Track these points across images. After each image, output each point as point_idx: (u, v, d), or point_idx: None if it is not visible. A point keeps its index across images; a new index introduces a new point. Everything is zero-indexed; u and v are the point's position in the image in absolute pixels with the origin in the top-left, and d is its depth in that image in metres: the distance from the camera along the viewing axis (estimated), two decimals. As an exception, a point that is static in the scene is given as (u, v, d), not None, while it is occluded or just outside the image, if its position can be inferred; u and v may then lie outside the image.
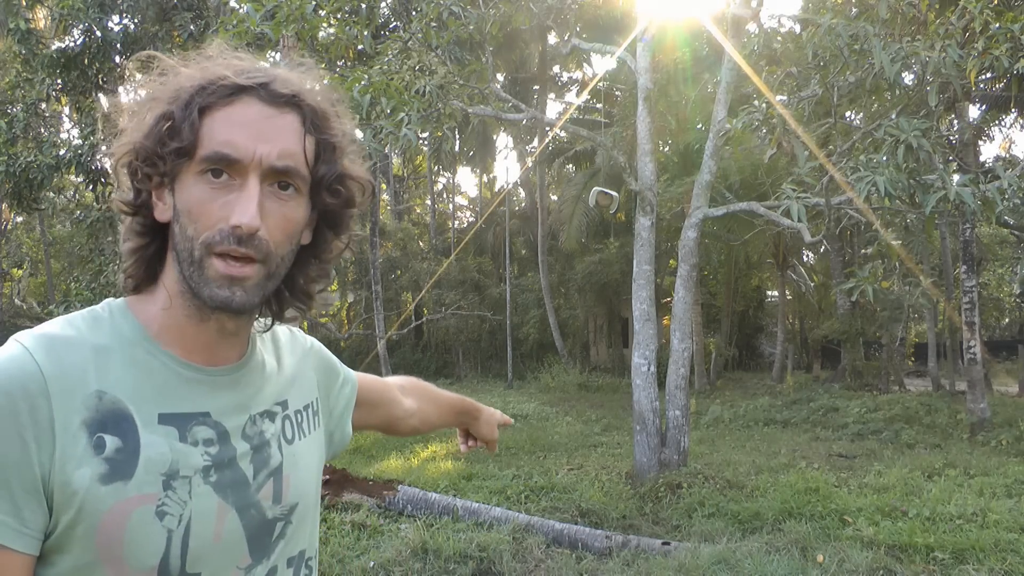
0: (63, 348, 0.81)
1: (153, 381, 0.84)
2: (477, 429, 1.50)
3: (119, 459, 0.79)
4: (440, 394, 1.43)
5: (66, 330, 0.83)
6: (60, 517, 0.77)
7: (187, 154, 0.81)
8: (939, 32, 5.99)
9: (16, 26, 9.11)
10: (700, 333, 18.77)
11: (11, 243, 24.28)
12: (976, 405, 11.02)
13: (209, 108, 0.82)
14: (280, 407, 0.97)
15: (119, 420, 0.80)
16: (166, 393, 0.85)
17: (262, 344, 0.99)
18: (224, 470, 0.88)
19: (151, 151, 0.83)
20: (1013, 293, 26.69)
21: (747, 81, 7.90)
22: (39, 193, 10.09)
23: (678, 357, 7.80)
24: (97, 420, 0.79)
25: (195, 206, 0.82)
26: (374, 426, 1.30)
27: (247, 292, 0.83)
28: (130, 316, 0.87)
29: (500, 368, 22.18)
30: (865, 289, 6.39)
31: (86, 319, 0.86)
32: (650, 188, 8.04)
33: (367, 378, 1.25)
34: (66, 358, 0.80)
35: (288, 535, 0.95)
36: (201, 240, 0.81)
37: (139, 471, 0.80)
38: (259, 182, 0.82)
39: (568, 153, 23.49)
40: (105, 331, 0.85)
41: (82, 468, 0.77)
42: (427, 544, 4.99)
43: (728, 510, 6.27)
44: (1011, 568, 4.79)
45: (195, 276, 0.82)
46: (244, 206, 0.80)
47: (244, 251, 0.81)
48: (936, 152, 6.05)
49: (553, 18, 9.65)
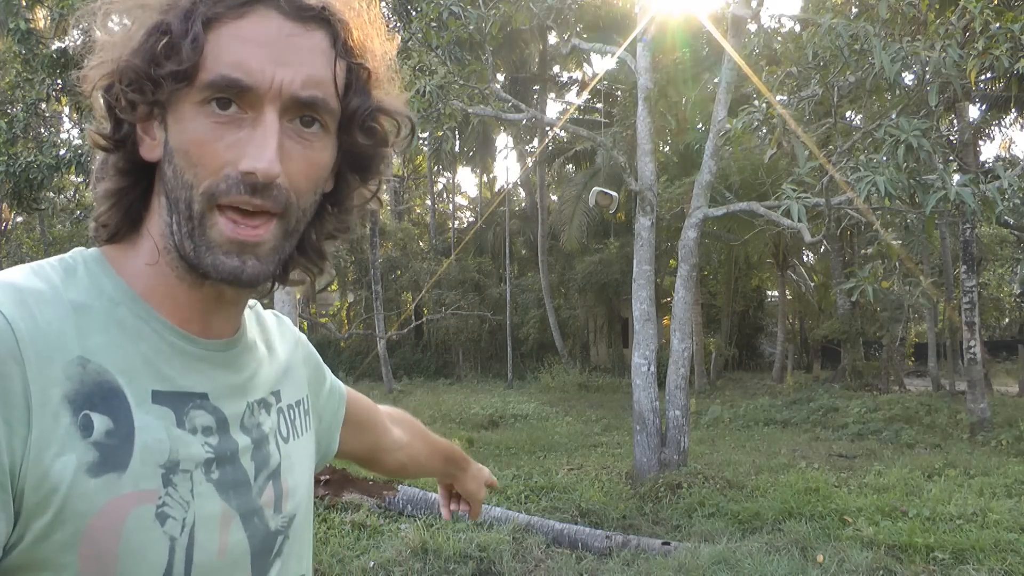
0: (35, 302, 0.62)
1: (143, 350, 0.67)
2: (463, 484, 1.33)
3: (111, 444, 0.62)
4: (429, 434, 1.25)
5: (33, 281, 0.64)
6: (30, 523, 0.59)
7: (186, 78, 0.64)
8: (939, 32, 5.99)
9: (16, 26, 9.11)
10: (700, 333, 18.77)
11: (11, 243, 24.28)
12: (976, 405, 11.02)
13: (216, 20, 0.65)
14: (274, 398, 0.81)
15: (108, 395, 0.63)
16: (159, 366, 0.68)
17: (248, 321, 0.82)
18: (226, 466, 0.72)
19: (139, 72, 0.64)
20: (1013, 293, 26.69)
21: (747, 81, 7.90)
22: (39, 193, 10.08)
23: (678, 357, 7.80)
24: (83, 394, 0.61)
25: (194, 145, 0.65)
26: (357, 453, 1.10)
27: (260, 260, 0.67)
28: (110, 270, 0.70)
29: (500, 368, 22.18)
30: (865, 289, 6.39)
31: (56, 269, 0.67)
32: (650, 188, 8.04)
33: (355, 394, 1.08)
34: (41, 315, 0.62)
35: (285, 554, 0.78)
36: (203, 189, 0.65)
37: (135, 461, 0.63)
38: (278, 117, 0.65)
39: (568, 153, 23.49)
40: (82, 286, 0.67)
41: (64, 455, 0.59)
42: (427, 544, 4.99)
43: (728, 510, 6.27)
44: (1011, 568, 4.79)
45: (194, 237, 0.66)
46: (260, 146, 0.64)
47: (259, 203, 0.65)
48: (936, 152, 6.05)
49: (553, 18, 9.65)
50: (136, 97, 0.66)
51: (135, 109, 0.66)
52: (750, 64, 7.64)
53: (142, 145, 0.69)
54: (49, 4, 9.53)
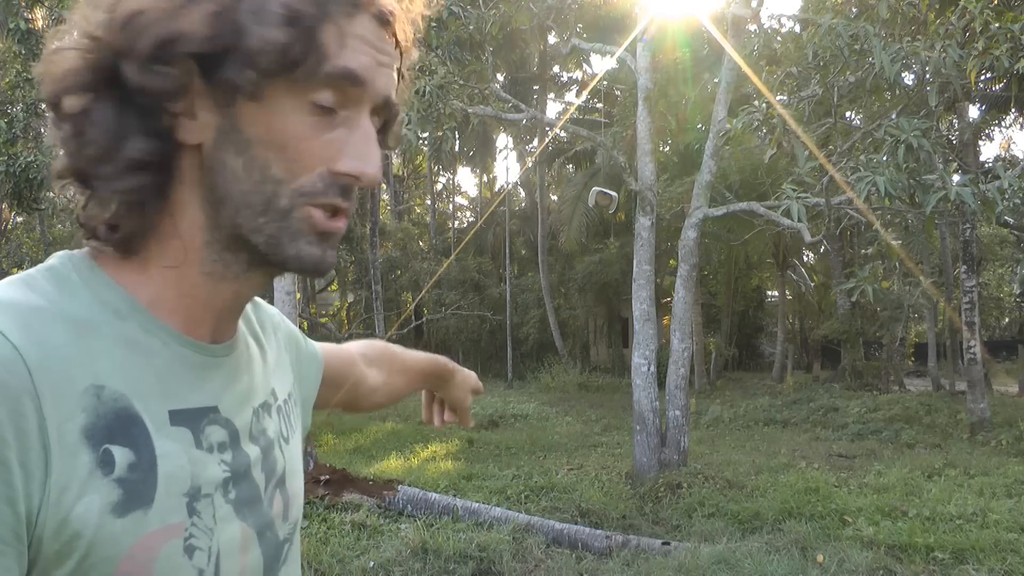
0: (39, 324, 0.56)
1: (156, 366, 0.62)
2: (448, 394, 1.21)
3: (134, 479, 0.58)
4: (407, 359, 1.17)
5: (31, 298, 0.58)
6: (51, 573, 0.54)
7: (297, 65, 0.59)
8: (939, 32, 5.99)
9: (16, 26, 9.10)
10: (700, 333, 18.77)
11: (11, 243, 24.28)
12: (976, 405, 11.02)
13: (327, 17, 0.60)
14: (272, 397, 0.77)
15: (127, 424, 0.58)
16: (172, 382, 0.63)
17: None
18: (241, 483, 0.68)
19: (230, 45, 0.57)
20: (1013, 293, 26.69)
21: (747, 81, 7.90)
22: (39, 193, 10.07)
23: (678, 357, 7.80)
24: (100, 426, 0.56)
25: (293, 140, 0.60)
26: (334, 405, 1.05)
27: (334, 249, 0.66)
28: (105, 277, 0.63)
29: (500, 368, 22.18)
30: (865, 289, 6.39)
31: (50, 280, 0.61)
32: (650, 188, 8.03)
33: (331, 352, 1.01)
34: (48, 339, 0.56)
35: (290, 560, 0.76)
36: (296, 186, 0.61)
37: (159, 493, 0.59)
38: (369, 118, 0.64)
39: (568, 153, 23.49)
40: (81, 299, 0.60)
41: (86, 496, 0.54)
42: (427, 544, 4.99)
43: (728, 510, 6.27)
44: (1011, 568, 4.79)
45: (273, 229, 0.62)
46: (366, 150, 0.63)
47: (347, 205, 0.64)
48: (936, 152, 6.05)
49: (553, 18, 9.65)
50: (227, 74, 0.58)
51: (187, 88, 0.59)
52: (750, 64, 7.65)
53: (181, 127, 0.61)
54: (49, 4, 9.53)
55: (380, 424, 12.21)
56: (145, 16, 0.57)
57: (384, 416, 13.55)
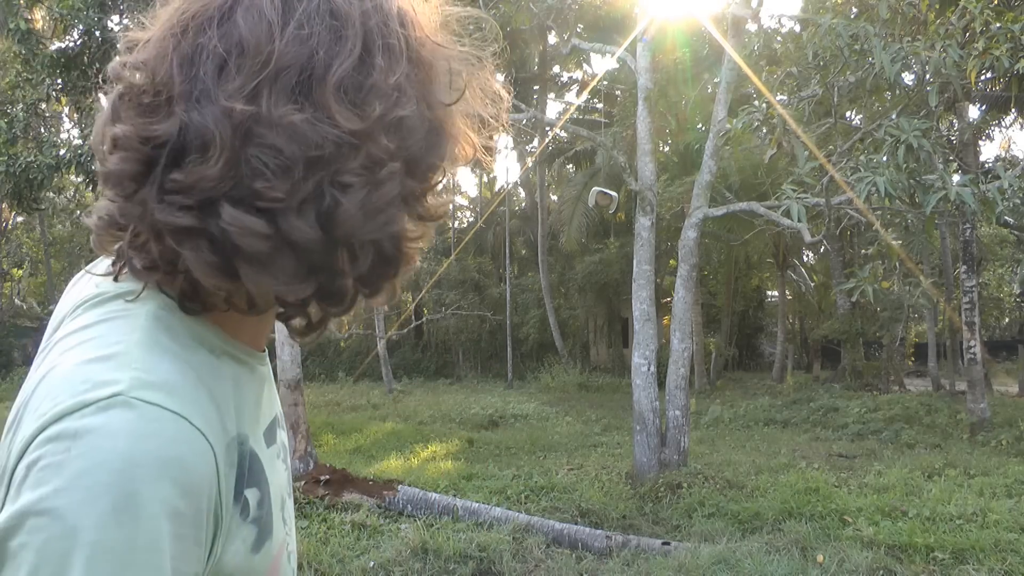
0: (195, 392, 0.55)
1: (252, 395, 0.64)
2: None
3: (262, 515, 0.60)
4: None
5: (177, 365, 0.56)
6: None
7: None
8: (939, 32, 5.99)
9: (16, 26, 9.09)
10: (700, 333, 18.77)
11: (11, 243, 24.28)
12: (976, 405, 11.02)
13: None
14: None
15: (253, 465, 0.60)
16: (260, 404, 0.65)
17: None
18: (288, 485, 0.71)
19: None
20: (1013, 293, 26.68)
21: (747, 81, 7.90)
22: (39, 193, 10.07)
23: (678, 357, 7.80)
24: (241, 475, 0.58)
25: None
26: None
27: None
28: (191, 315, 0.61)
29: (500, 368, 22.17)
30: (865, 289, 6.39)
31: (163, 330, 0.57)
32: (650, 188, 8.03)
33: None
34: (206, 410, 0.55)
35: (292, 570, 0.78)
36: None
37: (275, 519, 0.62)
38: None
39: (568, 153, 23.49)
40: (189, 345, 0.59)
41: (233, 544, 0.57)
42: (427, 544, 4.99)
43: (728, 510, 6.27)
44: (1011, 568, 4.79)
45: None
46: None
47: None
48: (936, 152, 6.05)
49: (553, 18, 9.65)
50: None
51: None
52: (750, 64, 7.65)
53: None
54: (49, 4, 9.52)
55: (380, 424, 12.20)
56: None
57: (384, 416, 13.55)
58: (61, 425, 0.48)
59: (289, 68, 0.53)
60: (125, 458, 0.47)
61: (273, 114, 0.51)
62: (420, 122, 0.57)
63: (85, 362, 0.53)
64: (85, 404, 0.49)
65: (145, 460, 0.48)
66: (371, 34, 0.55)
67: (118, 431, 0.48)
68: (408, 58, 0.57)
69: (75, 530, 0.45)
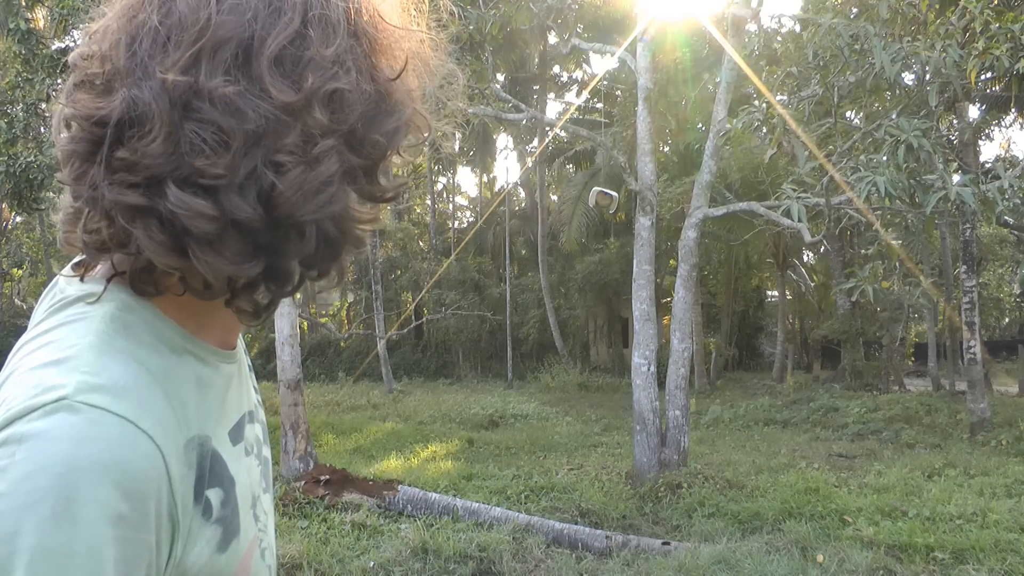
0: (147, 393, 0.55)
1: (215, 394, 0.63)
2: None
3: (227, 515, 0.60)
4: None
5: (129, 366, 0.55)
6: None
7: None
8: (939, 32, 5.99)
9: (16, 26, 9.10)
10: (700, 333, 18.76)
11: (11, 243, 24.28)
12: (976, 405, 11.02)
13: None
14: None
15: (215, 465, 0.60)
16: (225, 403, 0.65)
17: None
18: (264, 469, 0.72)
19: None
20: (1013, 293, 26.70)
21: (747, 81, 7.90)
22: (39, 193, 10.07)
23: (678, 357, 7.80)
24: (201, 477, 0.58)
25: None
26: None
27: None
28: (149, 305, 0.60)
29: (500, 368, 22.17)
30: (865, 289, 6.39)
31: (119, 329, 0.57)
32: (650, 188, 8.03)
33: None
34: (158, 412, 0.55)
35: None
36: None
37: (242, 517, 0.62)
38: None
39: (568, 153, 23.50)
40: (148, 344, 0.58)
41: (197, 546, 0.57)
42: (427, 544, 4.99)
43: (728, 510, 6.27)
44: (1011, 568, 4.79)
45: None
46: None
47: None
48: (936, 152, 6.05)
49: (553, 18, 9.65)
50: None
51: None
52: (750, 64, 7.65)
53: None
54: (49, 4, 9.53)
55: (380, 424, 12.20)
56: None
57: (384, 416, 13.55)
58: (9, 430, 0.49)
59: (228, 41, 0.52)
60: (66, 462, 0.47)
61: (208, 86, 0.51)
62: (359, 96, 0.56)
63: (38, 367, 0.53)
64: (33, 408, 0.49)
65: (86, 464, 0.48)
66: (310, 6, 0.55)
67: (60, 435, 0.48)
68: (349, 31, 0.57)
69: (14, 535, 0.46)
